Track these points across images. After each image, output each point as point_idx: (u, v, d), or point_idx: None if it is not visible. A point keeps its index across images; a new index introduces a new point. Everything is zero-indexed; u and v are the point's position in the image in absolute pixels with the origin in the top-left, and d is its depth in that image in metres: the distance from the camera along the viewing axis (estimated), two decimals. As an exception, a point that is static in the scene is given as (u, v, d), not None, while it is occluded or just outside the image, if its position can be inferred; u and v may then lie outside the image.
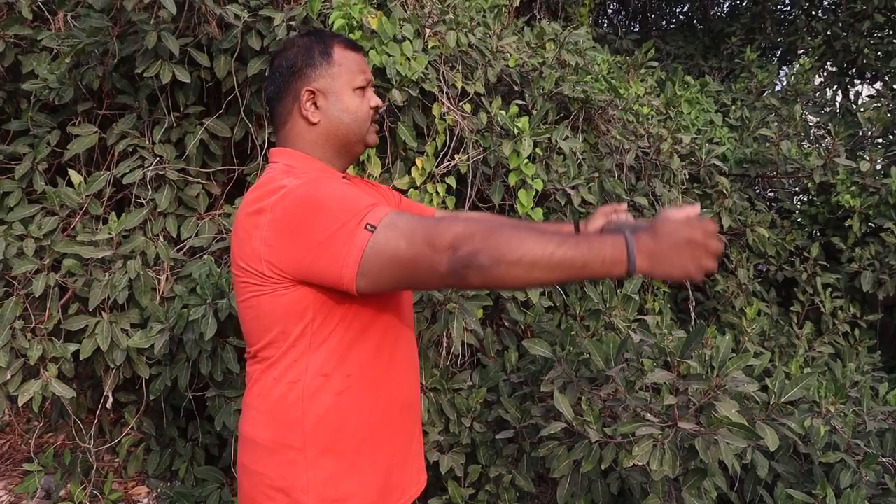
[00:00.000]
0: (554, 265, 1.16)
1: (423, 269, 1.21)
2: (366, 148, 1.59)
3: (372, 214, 1.25)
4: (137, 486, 3.23)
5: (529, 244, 1.16)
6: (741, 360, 2.02)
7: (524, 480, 2.70)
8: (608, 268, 1.18)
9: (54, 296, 2.77)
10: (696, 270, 1.20)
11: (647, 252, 1.18)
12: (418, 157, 2.90)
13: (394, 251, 1.21)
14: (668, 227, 1.20)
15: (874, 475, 2.45)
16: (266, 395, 1.42)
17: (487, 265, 1.16)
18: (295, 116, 1.51)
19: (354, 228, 1.23)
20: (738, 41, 6.71)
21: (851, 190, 4.02)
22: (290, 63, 1.51)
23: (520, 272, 1.16)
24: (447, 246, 1.18)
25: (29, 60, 3.09)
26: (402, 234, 1.22)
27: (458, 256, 1.17)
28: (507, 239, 1.17)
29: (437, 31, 3.00)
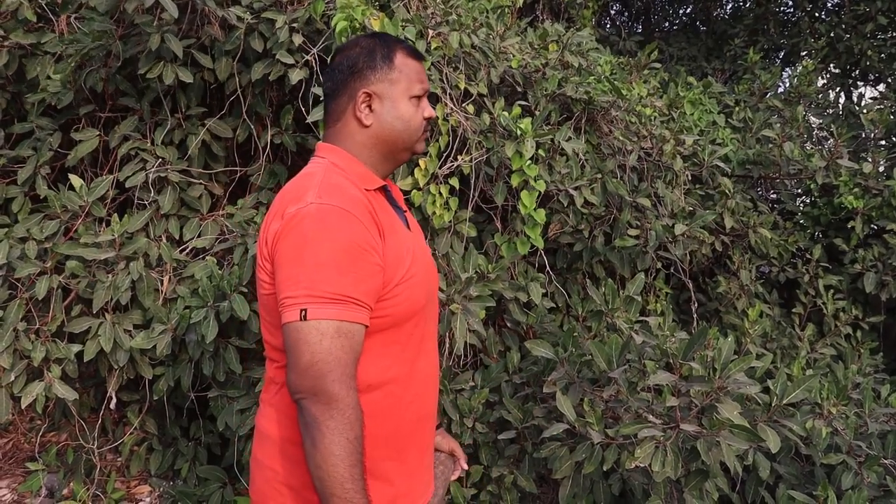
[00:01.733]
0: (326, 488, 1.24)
1: (294, 379, 1.27)
2: (413, 156, 1.59)
3: (317, 307, 1.27)
4: (140, 485, 3.24)
5: (337, 468, 1.23)
6: (743, 362, 2.02)
7: (526, 481, 2.70)
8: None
9: (58, 297, 2.78)
10: None
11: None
12: (421, 159, 2.90)
13: (297, 349, 1.27)
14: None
15: (876, 477, 2.45)
16: (282, 392, 1.42)
17: (309, 433, 1.25)
18: (348, 116, 1.50)
19: (295, 303, 1.27)
20: (741, 43, 6.72)
21: (854, 192, 4.02)
22: (352, 62, 1.50)
23: (311, 464, 1.25)
24: (317, 393, 1.25)
25: (33, 65, 3.10)
26: (313, 348, 1.26)
27: (309, 405, 1.26)
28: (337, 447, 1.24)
29: (439, 32, 3.00)
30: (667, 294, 3.61)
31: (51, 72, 3.04)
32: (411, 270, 1.43)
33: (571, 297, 3.23)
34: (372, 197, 1.45)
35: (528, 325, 3.03)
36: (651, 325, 2.60)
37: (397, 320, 1.41)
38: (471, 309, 2.64)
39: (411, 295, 1.43)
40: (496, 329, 3.13)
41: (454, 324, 2.59)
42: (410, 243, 1.50)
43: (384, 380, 1.42)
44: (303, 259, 1.28)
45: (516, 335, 3.08)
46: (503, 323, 3.15)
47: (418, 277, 1.45)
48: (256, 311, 2.64)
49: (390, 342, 1.42)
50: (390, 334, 1.41)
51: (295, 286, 1.27)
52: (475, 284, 2.70)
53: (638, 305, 2.74)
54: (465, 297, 2.66)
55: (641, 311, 3.44)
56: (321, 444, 1.22)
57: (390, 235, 1.41)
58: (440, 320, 2.67)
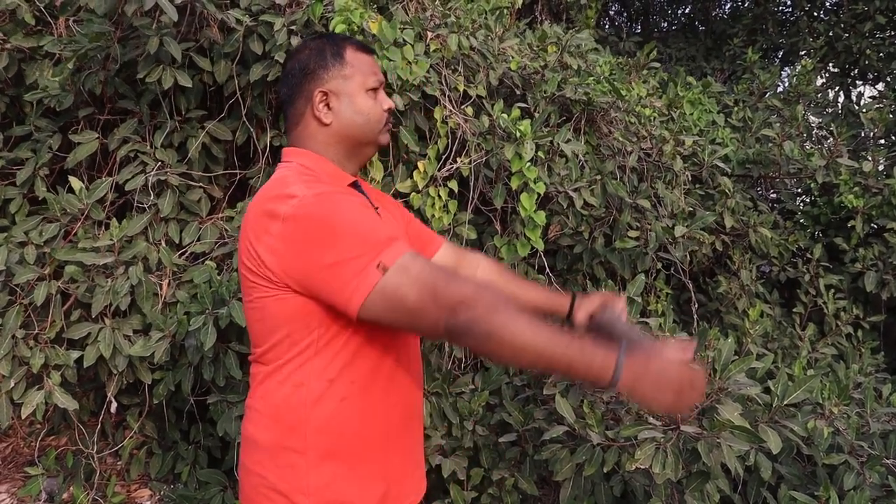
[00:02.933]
0: (541, 356, 1.21)
1: (423, 321, 1.25)
2: (378, 149, 1.59)
3: (386, 253, 1.26)
4: (140, 489, 3.23)
5: (526, 331, 1.21)
6: (743, 363, 2.02)
7: (527, 483, 2.69)
8: (591, 376, 1.23)
9: (56, 303, 2.78)
10: (669, 409, 1.26)
11: (632, 374, 1.22)
12: (420, 161, 2.90)
13: (401, 298, 1.24)
14: (662, 363, 1.25)
15: (878, 477, 2.45)
16: (269, 397, 1.41)
17: (482, 337, 1.20)
18: (307, 118, 1.51)
19: (367, 264, 1.25)
20: (739, 42, 6.71)
21: (854, 190, 4.01)
22: (303, 65, 1.51)
23: (508, 352, 1.22)
24: (451, 307, 1.21)
25: (32, 69, 3.09)
26: (412, 283, 1.24)
27: (457, 320, 1.21)
28: (508, 319, 1.21)
29: (438, 35, 3.00)
30: (667, 294, 3.61)
31: (49, 75, 3.04)
32: None
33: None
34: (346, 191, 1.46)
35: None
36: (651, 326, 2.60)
37: None
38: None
39: None
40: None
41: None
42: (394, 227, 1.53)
43: (369, 377, 1.42)
44: (336, 234, 1.28)
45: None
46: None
47: None
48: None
49: (370, 338, 1.41)
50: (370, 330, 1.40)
51: (350, 258, 1.26)
52: (475, 286, 2.69)
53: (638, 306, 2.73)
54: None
55: (642, 311, 3.43)
56: (498, 332, 1.20)
57: None
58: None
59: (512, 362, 1.24)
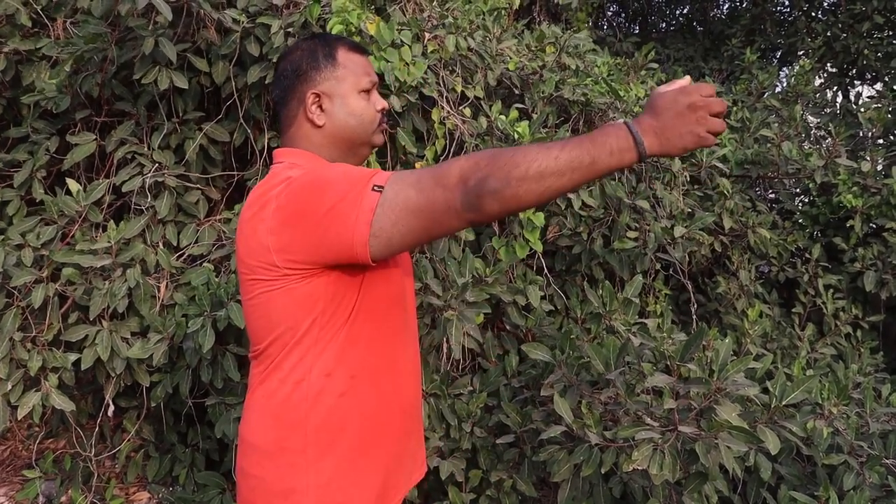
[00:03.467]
0: (563, 169, 1.17)
1: (439, 210, 1.21)
2: (372, 149, 1.58)
3: (377, 177, 1.26)
4: (138, 492, 3.23)
5: (533, 156, 1.17)
6: (741, 363, 2.01)
7: (525, 485, 2.69)
8: (618, 157, 1.18)
9: (54, 305, 2.77)
10: (705, 134, 1.20)
11: (651, 130, 1.19)
12: (418, 162, 2.90)
13: (405, 201, 1.22)
14: (665, 101, 1.21)
15: (878, 477, 2.44)
16: (271, 396, 1.41)
17: (500, 187, 1.16)
18: (300, 119, 1.50)
19: (361, 191, 1.24)
20: (738, 43, 6.72)
21: (853, 190, 4.01)
22: (295, 66, 1.50)
23: (532, 185, 1.17)
24: (456, 181, 1.19)
25: (29, 71, 3.09)
26: (409, 184, 1.23)
27: (469, 188, 1.18)
28: (512, 158, 1.18)
29: (436, 35, 3.00)
30: (666, 295, 3.60)
31: (46, 77, 3.04)
32: None
33: (570, 299, 3.22)
34: None
35: (526, 328, 3.02)
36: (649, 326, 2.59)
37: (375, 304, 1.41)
38: (467, 315, 2.63)
39: (387, 276, 1.44)
40: (494, 332, 3.12)
41: (450, 330, 2.58)
42: None
43: (367, 372, 1.42)
44: (326, 184, 1.28)
45: (515, 338, 3.07)
46: (502, 326, 3.14)
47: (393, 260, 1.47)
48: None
49: (368, 332, 1.41)
50: (368, 323, 1.40)
51: (343, 194, 1.25)
52: (472, 289, 2.69)
53: (636, 307, 2.73)
54: (462, 301, 2.65)
55: (641, 312, 3.43)
56: (511, 175, 1.17)
57: None
58: (436, 326, 2.66)
59: (543, 194, 1.18)
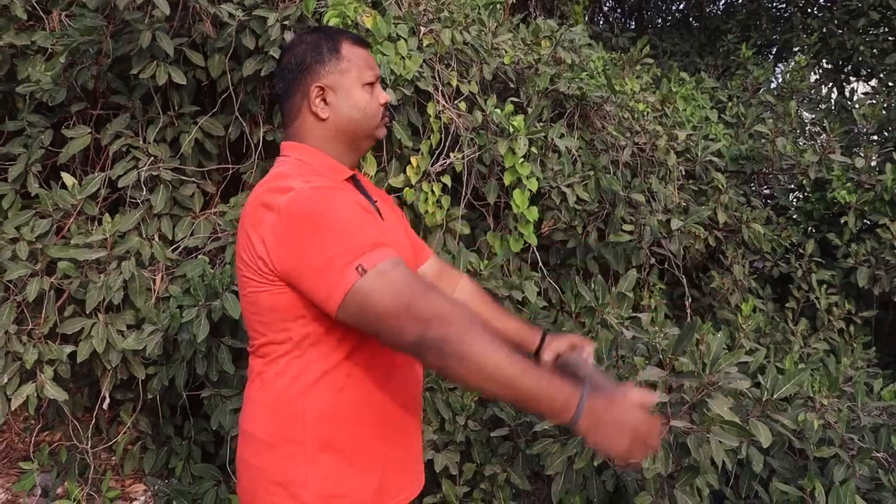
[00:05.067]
0: (507, 386, 1.21)
1: (392, 329, 1.23)
2: (375, 142, 1.59)
3: (368, 256, 1.25)
4: (135, 484, 3.23)
5: (496, 359, 1.20)
6: (734, 357, 2.02)
7: (519, 478, 2.70)
8: (553, 412, 1.24)
9: (50, 298, 2.77)
10: (624, 456, 1.26)
11: (592, 417, 1.23)
12: (413, 156, 2.90)
13: (375, 302, 1.23)
14: (622, 407, 1.27)
15: (868, 470, 2.46)
16: (267, 389, 1.42)
17: (448, 356, 1.20)
18: (304, 113, 1.50)
19: (347, 264, 1.24)
20: (733, 38, 6.72)
21: (847, 186, 4.02)
22: (299, 60, 1.50)
23: (474, 378, 1.21)
24: (424, 319, 1.20)
25: (24, 65, 3.08)
26: (388, 288, 1.23)
27: (426, 335, 1.20)
28: (479, 343, 1.20)
29: (431, 29, 3.00)
30: (660, 290, 3.62)
31: (41, 69, 3.03)
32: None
33: (565, 293, 3.23)
34: (344, 186, 1.46)
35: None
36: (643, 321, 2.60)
37: None
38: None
39: None
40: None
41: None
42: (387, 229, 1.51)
43: (368, 369, 1.42)
44: (324, 231, 1.28)
45: (510, 332, 3.07)
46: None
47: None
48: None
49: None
50: None
51: (333, 256, 1.26)
52: (468, 283, 2.69)
53: (630, 302, 2.74)
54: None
55: (635, 306, 3.44)
56: (464, 353, 1.19)
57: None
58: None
59: (475, 387, 1.22)
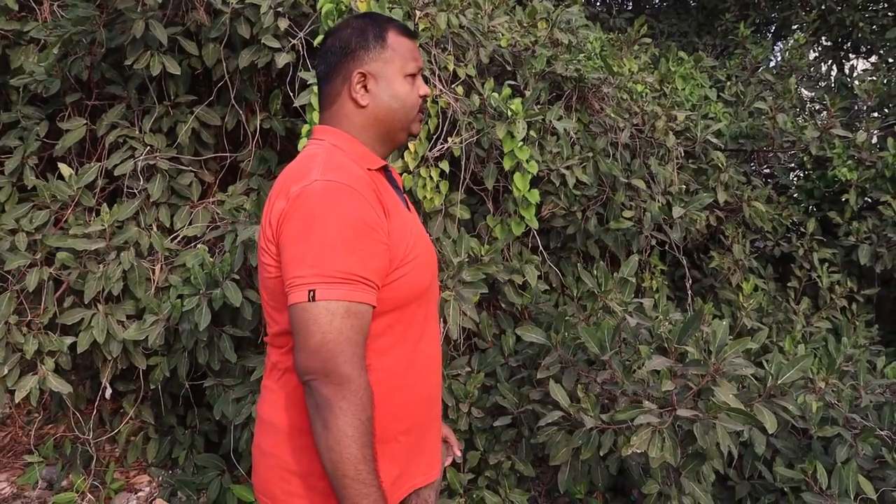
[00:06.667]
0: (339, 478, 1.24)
1: (302, 359, 1.26)
2: (409, 136, 1.56)
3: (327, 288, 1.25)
4: (139, 475, 3.24)
5: (351, 452, 1.23)
6: (738, 345, 2.01)
7: (524, 465, 2.70)
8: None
9: (49, 289, 2.76)
10: None
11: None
12: (411, 141, 2.88)
13: (304, 330, 1.25)
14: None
15: (871, 449, 2.46)
16: (286, 379, 1.41)
17: (320, 416, 1.25)
18: (344, 98, 1.48)
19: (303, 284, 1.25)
20: (731, 17, 6.66)
21: (848, 164, 4.00)
22: (344, 44, 1.48)
23: (322, 446, 1.24)
24: (327, 373, 1.24)
25: (16, 54, 3.06)
26: (322, 328, 1.24)
27: (320, 387, 1.25)
28: (351, 429, 1.24)
29: (427, 13, 2.97)
30: (662, 271, 3.61)
31: (34, 60, 3.01)
32: (415, 251, 1.42)
33: (566, 277, 3.22)
34: (374, 177, 1.44)
35: (522, 306, 3.02)
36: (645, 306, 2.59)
37: (402, 302, 1.41)
38: (464, 295, 2.63)
39: (416, 276, 1.42)
40: (490, 312, 3.12)
41: (447, 311, 2.58)
42: (412, 224, 1.49)
43: (388, 361, 1.41)
44: (310, 237, 1.26)
45: (511, 317, 3.07)
46: (498, 305, 3.14)
47: (422, 258, 1.45)
48: (249, 299, 2.63)
49: (394, 323, 1.41)
50: (395, 315, 1.40)
51: (302, 266, 1.26)
52: (468, 268, 2.68)
53: (632, 286, 2.73)
54: (459, 281, 2.65)
55: (637, 288, 3.43)
56: (333, 425, 1.22)
57: (394, 215, 1.40)
58: (434, 306, 2.66)
59: (319, 453, 1.26)
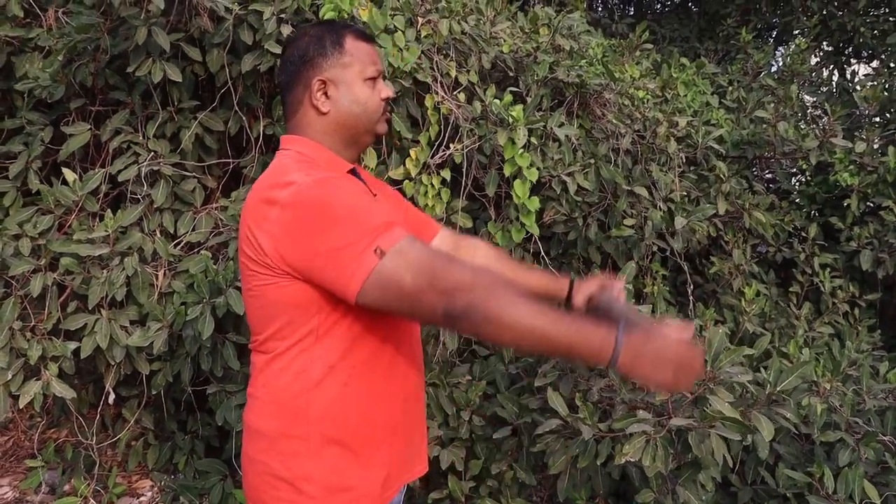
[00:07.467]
0: (541, 340, 1.22)
1: (421, 306, 1.24)
2: (375, 138, 1.59)
3: (383, 238, 1.26)
4: (141, 480, 3.25)
5: (525, 314, 1.21)
6: (736, 353, 2.01)
7: (525, 474, 2.70)
8: (590, 356, 1.24)
9: (53, 294, 2.78)
10: (669, 387, 1.27)
11: (631, 353, 1.23)
12: (412, 148, 2.89)
13: (398, 282, 1.23)
14: (661, 341, 1.27)
15: (874, 453, 2.46)
16: (271, 385, 1.42)
17: (480, 321, 1.20)
18: (306, 106, 1.51)
19: (364, 249, 1.25)
20: (733, 23, 6.66)
21: (849, 169, 4.00)
22: (302, 52, 1.50)
23: (507, 336, 1.22)
24: (448, 291, 1.21)
25: (21, 61, 3.07)
26: (408, 266, 1.23)
27: (454, 304, 1.20)
28: (507, 302, 1.21)
29: (429, 20, 2.98)
30: (663, 276, 3.61)
31: (39, 66, 3.02)
32: None
33: (567, 282, 3.22)
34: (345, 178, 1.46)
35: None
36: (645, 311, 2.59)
37: None
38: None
39: None
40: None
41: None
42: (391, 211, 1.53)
43: (371, 364, 1.43)
44: (333, 219, 1.28)
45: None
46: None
47: None
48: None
49: (369, 323, 1.42)
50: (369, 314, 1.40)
51: (346, 241, 1.26)
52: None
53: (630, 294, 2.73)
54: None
55: (638, 293, 3.43)
56: (496, 317, 1.20)
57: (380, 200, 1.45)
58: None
59: (511, 345, 1.25)
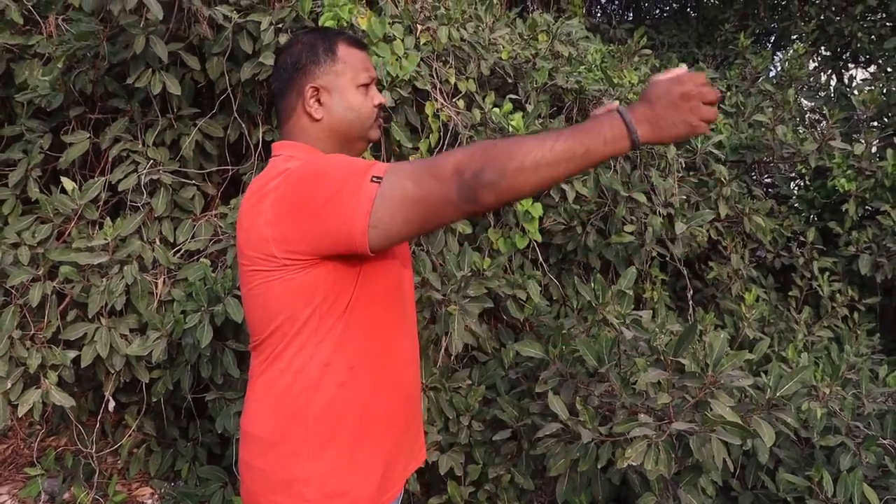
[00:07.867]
0: (558, 159, 1.19)
1: (436, 202, 1.22)
2: (368, 144, 1.59)
3: (375, 168, 1.27)
4: (141, 487, 3.24)
5: (529, 147, 1.19)
6: (736, 358, 2.01)
7: (523, 479, 2.70)
8: (612, 146, 1.21)
9: (52, 303, 2.77)
10: (698, 123, 1.22)
11: (645, 119, 1.21)
12: (412, 155, 2.89)
13: (402, 193, 1.23)
14: (659, 90, 1.23)
15: (874, 457, 2.46)
16: (271, 387, 1.42)
17: (496, 179, 1.18)
18: (299, 112, 1.51)
19: (360, 181, 1.25)
20: (731, 28, 6.69)
21: (847, 174, 4.01)
22: (295, 59, 1.51)
23: (528, 176, 1.18)
24: (452, 174, 1.20)
25: (21, 68, 3.08)
26: (406, 176, 1.24)
27: (464, 180, 1.19)
28: (507, 149, 1.19)
29: (428, 27, 2.99)
30: (663, 281, 3.61)
31: (38, 74, 3.03)
32: None
33: (567, 288, 3.23)
34: None
35: (524, 318, 3.02)
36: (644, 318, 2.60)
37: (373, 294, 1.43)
38: (468, 309, 2.64)
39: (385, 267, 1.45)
40: (491, 324, 3.12)
41: (452, 325, 2.59)
42: None
43: (364, 360, 1.43)
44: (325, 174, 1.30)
45: (511, 329, 3.07)
46: (498, 317, 3.14)
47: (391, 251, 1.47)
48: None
49: (367, 321, 1.42)
50: (367, 313, 1.42)
51: (341, 185, 1.26)
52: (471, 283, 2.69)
53: (630, 299, 2.73)
54: (463, 296, 2.65)
55: (638, 298, 3.43)
56: (505, 169, 1.18)
57: None
58: (436, 320, 2.67)
59: (538, 183, 1.20)
